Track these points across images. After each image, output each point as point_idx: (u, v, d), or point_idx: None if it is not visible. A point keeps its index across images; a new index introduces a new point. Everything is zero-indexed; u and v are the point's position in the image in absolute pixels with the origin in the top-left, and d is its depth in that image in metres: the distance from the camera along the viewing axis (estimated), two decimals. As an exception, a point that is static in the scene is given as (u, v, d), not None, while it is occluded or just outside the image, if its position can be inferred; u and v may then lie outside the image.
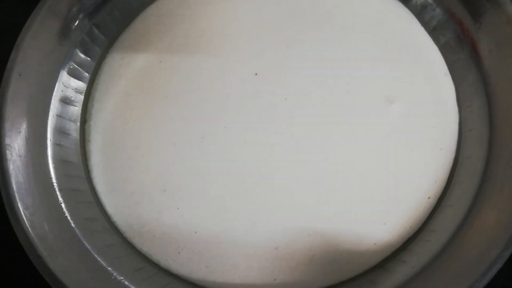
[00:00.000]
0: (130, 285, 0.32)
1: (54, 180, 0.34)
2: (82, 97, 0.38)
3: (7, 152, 0.31)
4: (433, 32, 0.37)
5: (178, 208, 0.34)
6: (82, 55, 0.38)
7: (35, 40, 0.34)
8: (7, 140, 0.32)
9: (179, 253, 0.33)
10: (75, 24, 0.36)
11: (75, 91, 0.38)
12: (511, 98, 0.32)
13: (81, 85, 0.38)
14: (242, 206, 0.34)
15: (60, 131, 0.36)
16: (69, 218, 0.33)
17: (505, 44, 0.32)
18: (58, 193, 0.33)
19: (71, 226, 0.32)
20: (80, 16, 0.37)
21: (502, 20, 0.32)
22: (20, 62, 0.33)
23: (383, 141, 0.34)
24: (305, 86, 0.36)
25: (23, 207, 0.30)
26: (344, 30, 0.37)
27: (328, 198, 0.33)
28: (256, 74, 0.36)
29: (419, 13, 0.38)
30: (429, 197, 0.33)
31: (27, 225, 0.29)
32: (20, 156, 0.32)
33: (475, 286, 0.26)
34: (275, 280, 0.33)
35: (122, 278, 0.32)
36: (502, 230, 0.27)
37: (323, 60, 0.37)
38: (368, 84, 0.36)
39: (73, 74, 0.37)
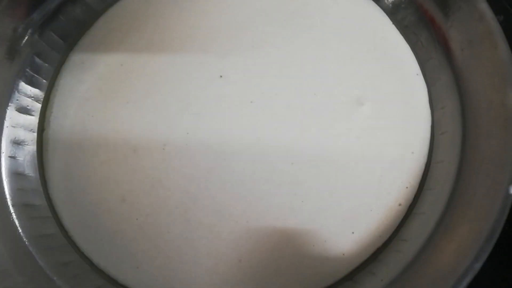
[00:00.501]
0: (86, 305, 0.30)
1: (7, 195, 0.33)
2: (39, 105, 0.37)
3: (-47, 166, 0.30)
4: (405, 30, 0.36)
5: (137, 219, 0.33)
6: (40, 61, 0.37)
7: None
8: (-46, 154, 0.30)
9: (137, 267, 0.32)
10: (24, 40, 0.35)
11: (32, 99, 0.36)
12: (484, 99, 0.30)
13: (39, 93, 0.37)
14: (204, 216, 0.33)
15: (15, 143, 0.35)
16: (22, 235, 0.32)
17: (478, 42, 0.31)
18: (11, 208, 0.32)
19: (25, 244, 0.31)
20: (29, 31, 0.35)
21: (474, 17, 0.31)
22: None
23: (352, 144, 0.33)
24: (272, 88, 0.35)
25: None
26: (312, 29, 0.36)
27: (293, 206, 0.32)
28: (221, 76, 0.35)
29: (391, 11, 0.37)
30: (399, 204, 0.32)
31: None
32: (-32, 171, 0.30)
33: (445, 299, 0.25)
34: (239, 294, 0.32)
35: (78, 297, 0.31)
36: (473, 240, 0.26)
37: (291, 61, 0.36)
38: (338, 85, 0.35)
39: (30, 82, 0.36)
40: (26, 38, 0.35)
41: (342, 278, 0.32)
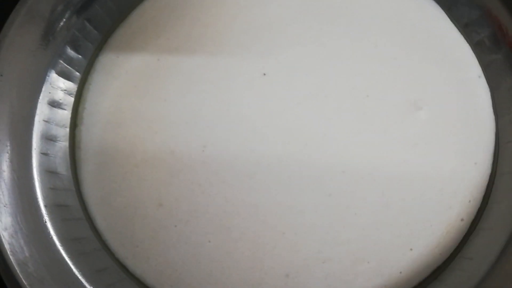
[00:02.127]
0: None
1: (39, 195, 0.31)
2: (72, 99, 0.36)
3: (-15, 164, 0.29)
4: (465, 29, 0.35)
5: (175, 226, 0.32)
6: (72, 53, 0.36)
7: (18, 37, 0.32)
8: (-15, 150, 0.30)
9: (176, 278, 0.32)
10: (61, 23, 0.34)
11: (65, 92, 0.35)
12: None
13: (72, 86, 0.36)
14: (249, 225, 0.32)
15: (47, 138, 0.34)
16: (54, 238, 0.31)
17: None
18: (43, 210, 0.31)
19: (57, 248, 0.30)
20: (67, 14, 0.34)
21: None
22: (1, 61, 0.31)
23: (408, 153, 0.32)
24: (320, 89, 0.34)
25: (2, 228, 0.28)
26: (363, 26, 0.35)
27: (347, 219, 0.32)
28: (264, 74, 0.34)
29: (449, 8, 0.35)
30: (462, 219, 0.32)
31: (6, 248, 0.28)
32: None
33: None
34: (285, 312, 0.31)
35: (114, 308, 0.30)
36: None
37: (340, 60, 0.35)
38: (392, 87, 0.34)
39: (63, 74, 0.35)
40: (64, 21, 0.34)
41: None
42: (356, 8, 0.35)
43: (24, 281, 0.27)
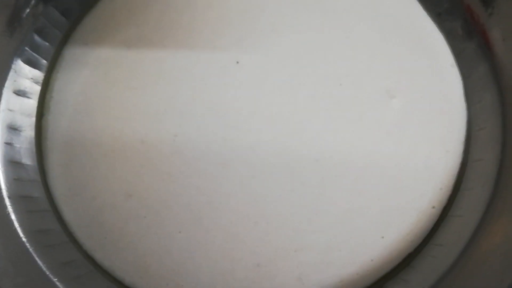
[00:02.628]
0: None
1: (2, 185, 0.31)
2: (39, 88, 0.36)
3: None
4: (438, 18, 0.35)
5: (145, 217, 0.32)
6: (40, 40, 0.35)
7: None
8: None
9: (145, 269, 0.32)
10: (28, 9, 0.34)
11: (31, 80, 0.35)
12: (527, 93, 0.30)
13: (38, 74, 0.36)
14: (220, 215, 0.32)
15: (11, 128, 0.33)
16: (18, 230, 0.30)
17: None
18: (6, 200, 0.31)
19: (21, 241, 0.30)
20: (34, 0, 0.34)
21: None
22: None
23: (381, 141, 0.33)
24: (293, 78, 0.34)
25: None
26: (337, 15, 0.35)
27: (318, 207, 0.32)
28: (237, 62, 0.34)
29: None
30: (433, 207, 0.32)
31: None
32: (-41, 157, 0.29)
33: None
34: (256, 302, 0.32)
35: (81, 301, 0.30)
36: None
37: (314, 47, 0.35)
38: (366, 75, 0.34)
39: (29, 61, 0.35)
40: (29, 9, 0.33)
41: (371, 285, 0.31)
42: None
43: None
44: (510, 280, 0.25)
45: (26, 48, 0.34)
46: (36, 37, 0.35)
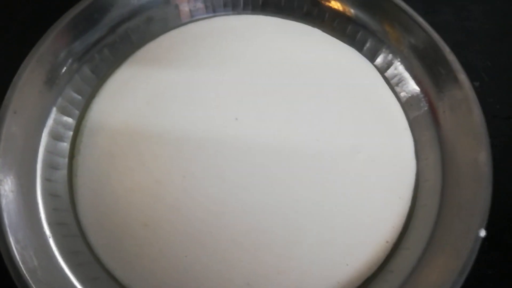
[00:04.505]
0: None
1: (42, 214, 0.35)
2: (71, 133, 0.40)
3: (0, 187, 0.33)
4: (396, 89, 0.42)
5: (157, 243, 0.35)
6: (73, 94, 0.40)
7: (29, 80, 0.36)
8: (0, 176, 0.33)
9: (159, 285, 0.34)
10: (65, 67, 0.39)
11: (65, 127, 0.40)
12: (461, 155, 0.35)
13: (71, 122, 0.40)
14: (218, 243, 0.35)
15: (50, 166, 0.37)
16: (56, 251, 0.34)
17: (457, 107, 0.36)
18: (46, 227, 0.34)
19: (58, 260, 0.33)
20: (69, 60, 0.39)
21: (455, 86, 0.36)
22: (15, 100, 0.35)
23: (348, 188, 0.37)
24: (281, 132, 0.39)
25: (15, 241, 0.31)
26: (318, 83, 0.41)
27: (297, 239, 0.35)
28: (236, 119, 0.39)
29: (385, 70, 0.43)
30: (387, 241, 0.36)
31: (18, 259, 0.30)
32: (12, 191, 0.33)
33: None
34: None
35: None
36: (448, 274, 0.30)
37: (298, 109, 0.40)
38: (337, 134, 0.39)
39: (64, 111, 0.39)
40: (66, 66, 0.39)
41: None
42: (312, 69, 0.42)
43: (33, 286, 0.30)
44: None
45: (63, 100, 0.39)
46: (71, 92, 0.40)
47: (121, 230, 0.36)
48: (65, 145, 0.39)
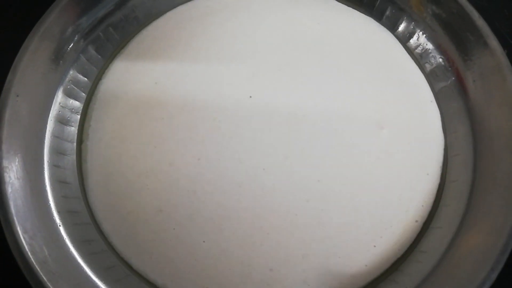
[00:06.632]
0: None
1: (51, 202, 0.34)
2: (78, 117, 0.39)
3: (5, 174, 0.31)
4: (420, 60, 0.39)
5: (174, 229, 0.34)
6: (79, 75, 0.39)
7: (32, 61, 0.34)
8: (5, 162, 0.32)
9: (176, 273, 0.33)
10: (71, 45, 0.37)
11: (72, 111, 0.38)
12: (493, 126, 0.33)
13: (78, 105, 0.39)
14: (238, 227, 0.34)
15: (57, 152, 0.36)
16: (67, 240, 0.33)
17: (488, 75, 0.34)
18: (56, 215, 0.33)
19: (70, 249, 0.32)
20: (76, 37, 0.37)
21: (486, 53, 0.34)
22: (17, 83, 0.34)
23: (373, 165, 0.35)
24: (298, 109, 0.37)
25: (22, 231, 0.30)
26: (335, 56, 0.39)
27: (321, 220, 0.34)
28: (250, 97, 0.37)
29: (407, 40, 0.40)
30: (416, 221, 0.34)
31: (27, 249, 0.29)
32: (18, 178, 0.32)
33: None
34: (269, 301, 0.33)
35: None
36: (489, 252, 0.29)
37: (316, 85, 0.38)
38: (359, 109, 0.37)
39: (70, 94, 0.38)
40: (73, 43, 0.37)
41: (365, 286, 0.33)
42: (329, 41, 0.39)
43: (44, 277, 0.29)
44: (479, 280, 0.27)
45: (68, 82, 0.37)
46: (76, 73, 0.38)
47: (135, 216, 0.35)
48: (73, 130, 0.38)
